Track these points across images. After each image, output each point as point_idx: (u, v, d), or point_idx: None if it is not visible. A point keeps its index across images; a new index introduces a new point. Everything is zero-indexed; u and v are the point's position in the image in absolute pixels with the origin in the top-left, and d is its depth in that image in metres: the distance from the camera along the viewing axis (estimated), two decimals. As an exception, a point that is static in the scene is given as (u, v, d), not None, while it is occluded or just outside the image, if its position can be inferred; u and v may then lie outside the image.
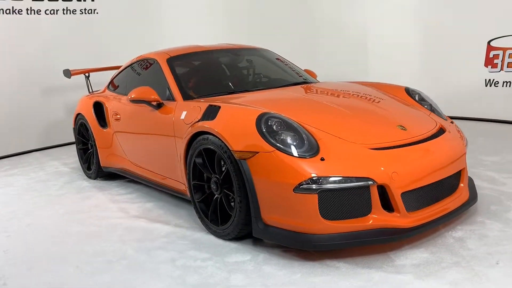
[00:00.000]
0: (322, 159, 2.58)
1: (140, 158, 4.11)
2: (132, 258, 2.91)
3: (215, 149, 2.93)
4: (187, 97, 3.59)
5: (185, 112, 3.35)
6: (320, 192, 2.49)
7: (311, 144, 2.65)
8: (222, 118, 2.96)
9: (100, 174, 4.86)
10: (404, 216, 2.61)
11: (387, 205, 2.61)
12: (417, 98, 3.55)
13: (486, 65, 5.77)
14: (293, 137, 2.68)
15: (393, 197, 2.58)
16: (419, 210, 2.69)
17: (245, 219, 2.82)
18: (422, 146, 2.81)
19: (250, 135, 2.73)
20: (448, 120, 3.36)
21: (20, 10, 6.47)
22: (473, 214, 3.08)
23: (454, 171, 2.90)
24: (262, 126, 2.73)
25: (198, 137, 3.11)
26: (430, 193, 2.77)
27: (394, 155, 2.68)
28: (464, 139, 3.17)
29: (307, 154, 2.60)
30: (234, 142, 2.78)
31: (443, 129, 3.10)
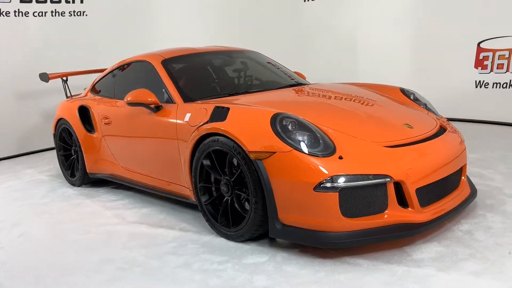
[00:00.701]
0: (341, 158, 2.61)
1: (134, 163, 4.00)
2: (145, 265, 2.82)
3: (227, 150, 2.90)
4: (187, 99, 3.54)
5: (189, 114, 3.30)
6: (340, 190, 2.52)
7: (326, 143, 2.68)
8: (233, 119, 2.93)
9: (85, 180, 4.69)
10: (418, 211, 2.68)
11: (402, 201, 2.68)
12: (412, 98, 3.67)
13: (476, 66, 5.91)
14: (308, 136, 2.70)
15: (408, 193, 2.65)
16: (431, 205, 2.78)
17: (260, 220, 2.81)
18: (430, 143, 2.91)
19: (266, 136, 2.72)
20: (443, 118, 3.50)
21: (7, 12, 6.23)
22: (473, 209, 3.21)
23: (459, 167, 3.03)
24: (277, 126, 2.73)
25: (205, 139, 3.07)
26: (439, 188, 2.86)
27: (407, 152, 2.76)
28: (461, 136, 3.31)
29: (324, 153, 2.62)
30: (249, 143, 2.76)
31: (444, 127, 3.22)
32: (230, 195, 3.02)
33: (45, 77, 5.41)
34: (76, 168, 4.75)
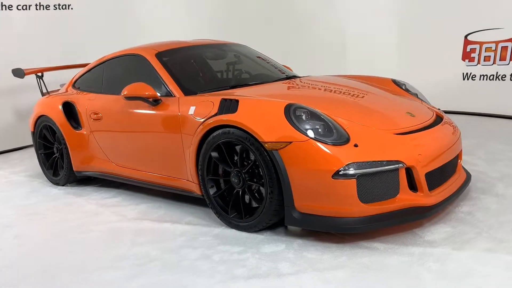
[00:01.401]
0: (356, 145, 2.70)
1: (129, 158, 3.91)
2: (162, 259, 2.79)
3: (239, 141, 2.91)
4: (188, 92, 3.51)
5: (193, 107, 3.27)
6: (358, 176, 2.61)
7: (340, 132, 2.75)
8: (245, 111, 2.94)
9: (71, 179, 4.53)
10: (427, 195, 2.82)
11: (412, 185, 2.80)
12: (404, 88, 3.82)
13: (463, 59, 6.03)
14: (322, 126, 2.76)
15: (418, 177, 2.78)
16: (437, 189, 2.93)
17: (274, 210, 2.85)
18: (433, 130, 3.06)
19: (281, 126, 2.76)
20: (434, 107, 3.67)
21: None
22: (467, 192, 3.40)
23: (458, 152, 3.20)
24: (292, 117, 2.78)
25: (213, 131, 3.07)
26: (442, 172, 3.02)
27: (416, 139, 2.89)
28: (453, 123, 3.49)
29: (338, 141, 2.70)
30: (264, 134, 2.79)
31: (439, 115, 3.39)
32: (241, 187, 3.04)
33: (20, 72, 5.16)
34: (60, 166, 4.58)
